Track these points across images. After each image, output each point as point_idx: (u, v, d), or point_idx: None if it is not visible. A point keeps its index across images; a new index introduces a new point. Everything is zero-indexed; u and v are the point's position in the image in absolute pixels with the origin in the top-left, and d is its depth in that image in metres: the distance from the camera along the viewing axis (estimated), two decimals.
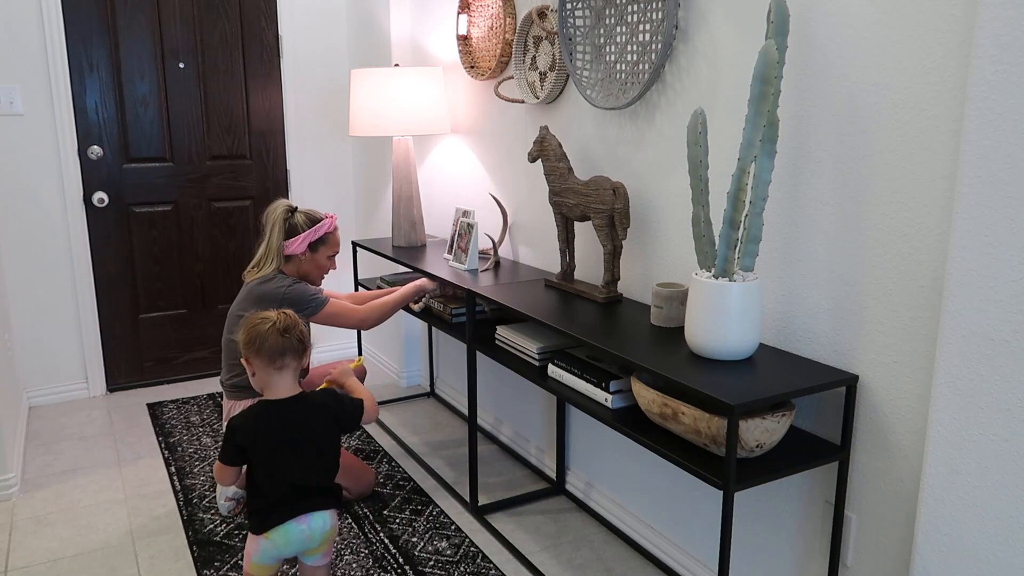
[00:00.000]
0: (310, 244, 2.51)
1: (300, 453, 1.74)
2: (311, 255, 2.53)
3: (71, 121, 3.36)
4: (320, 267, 2.57)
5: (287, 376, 1.75)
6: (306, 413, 1.76)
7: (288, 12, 3.71)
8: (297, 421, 1.74)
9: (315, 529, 1.76)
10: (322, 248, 2.54)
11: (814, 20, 1.62)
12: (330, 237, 2.55)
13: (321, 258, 2.55)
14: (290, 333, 1.73)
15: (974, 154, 1.26)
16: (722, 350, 1.66)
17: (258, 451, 1.72)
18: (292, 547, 1.76)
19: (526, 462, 2.90)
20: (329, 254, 2.57)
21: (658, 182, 2.10)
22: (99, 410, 3.46)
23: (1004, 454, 1.28)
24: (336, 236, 2.58)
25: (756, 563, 1.96)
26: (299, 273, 2.54)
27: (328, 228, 2.54)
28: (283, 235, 2.49)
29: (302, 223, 2.50)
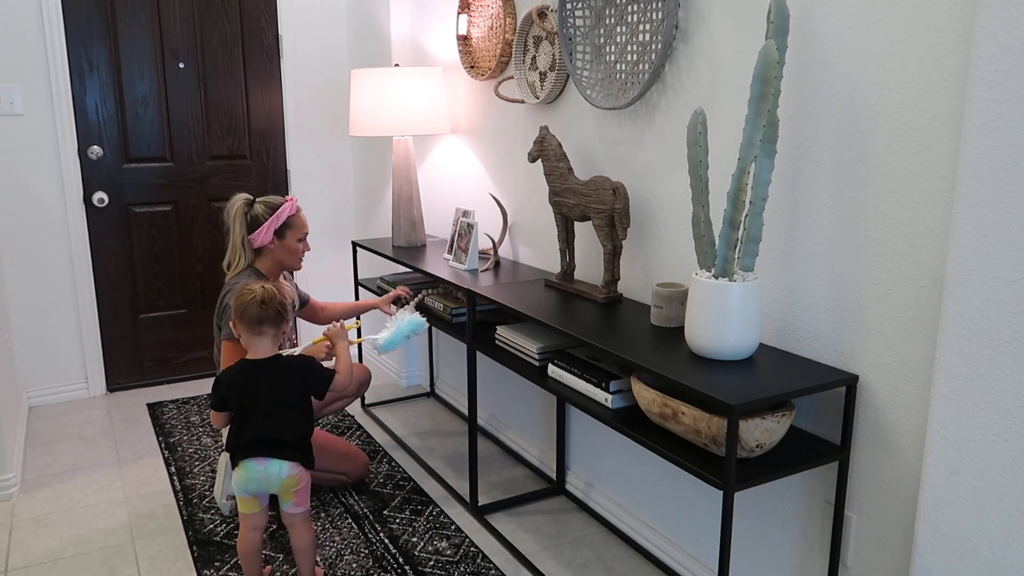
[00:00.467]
0: (275, 231, 2.46)
1: (267, 406, 1.99)
2: (280, 242, 2.48)
3: (71, 121, 3.36)
4: (293, 252, 2.51)
5: (265, 340, 2.02)
6: (277, 373, 2.01)
7: (288, 12, 3.71)
8: (268, 379, 2.00)
9: (271, 473, 2.00)
10: (289, 233, 2.48)
11: (814, 20, 1.62)
12: (294, 220, 2.48)
13: (291, 242, 2.49)
14: (268, 305, 1.98)
15: (974, 154, 1.26)
16: (722, 350, 1.66)
17: (234, 400, 2.01)
18: (253, 484, 2.01)
19: (526, 462, 2.90)
20: (298, 237, 2.50)
21: (658, 182, 2.10)
22: (99, 410, 3.46)
23: (1004, 454, 1.28)
24: (300, 217, 2.51)
25: (756, 563, 1.96)
26: (275, 262, 2.50)
27: (290, 211, 2.47)
28: (246, 229, 2.45)
29: (262, 213, 2.44)
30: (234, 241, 2.47)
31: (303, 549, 2.08)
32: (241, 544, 2.07)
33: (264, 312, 1.98)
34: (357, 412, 3.41)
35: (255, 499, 2.05)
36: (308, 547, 2.08)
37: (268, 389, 2.00)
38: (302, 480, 2.04)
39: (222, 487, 2.51)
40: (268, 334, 2.01)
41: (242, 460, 2.00)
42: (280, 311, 2.00)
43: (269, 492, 2.04)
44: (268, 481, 2.01)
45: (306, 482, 2.05)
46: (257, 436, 1.99)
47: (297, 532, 2.07)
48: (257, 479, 2.00)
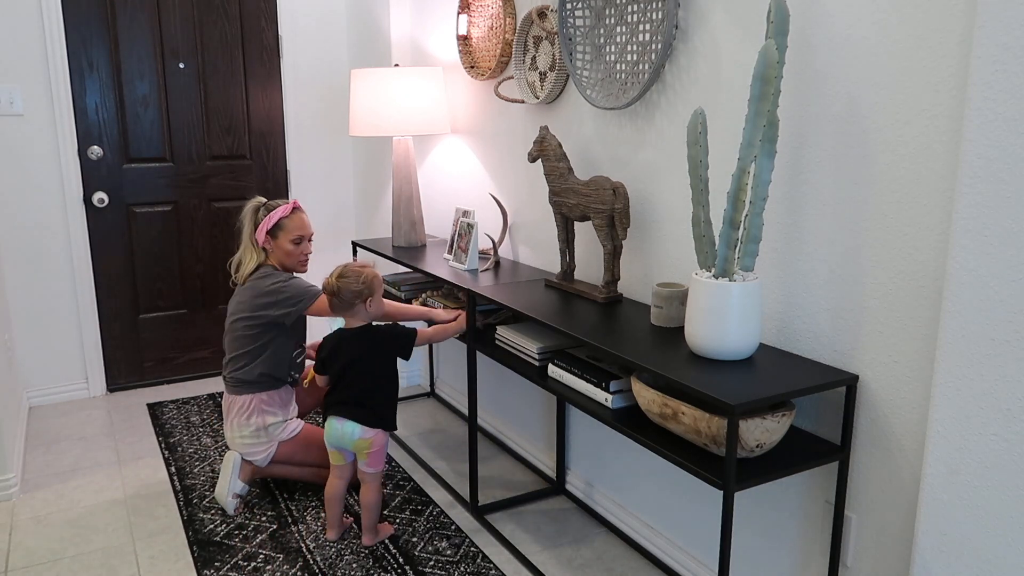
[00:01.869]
0: (268, 231, 2.52)
1: (357, 371, 2.29)
2: (274, 243, 2.54)
3: (71, 121, 3.36)
4: (289, 254, 2.55)
5: (358, 312, 2.30)
6: (368, 342, 2.31)
7: (288, 12, 3.71)
8: (359, 347, 2.29)
9: (346, 432, 2.29)
10: (281, 234, 2.53)
11: (814, 20, 1.62)
12: (285, 222, 2.53)
13: (284, 244, 2.53)
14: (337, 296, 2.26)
15: (974, 154, 1.26)
16: (722, 350, 1.66)
17: (330, 363, 2.32)
18: (333, 438, 2.32)
19: (526, 462, 2.90)
20: (290, 239, 2.53)
21: (658, 182, 2.10)
22: (99, 410, 3.46)
23: (1004, 454, 1.28)
24: (294, 220, 2.54)
25: (756, 563, 1.96)
26: (280, 264, 2.56)
27: (282, 214, 2.52)
28: (253, 228, 2.55)
29: (263, 215, 2.54)
30: (244, 240, 2.57)
31: (368, 505, 2.34)
32: (328, 489, 2.37)
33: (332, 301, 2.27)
34: None
35: (340, 452, 2.34)
36: (373, 504, 2.34)
37: (359, 356, 2.28)
38: (375, 444, 2.30)
39: (228, 485, 2.52)
40: (346, 314, 2.30)
41: (329, 417, 2.32)
42: (360, 292, 2.26)
43: (345, 448, 2.32)
44: (343, 439, 2.30)
45: (379, 445, 2.32)
46: (342, 398, 2.30)
47: (366, 488, 2.34)
48: (336, 435, 2.30)
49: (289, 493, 2.67)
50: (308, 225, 2.59)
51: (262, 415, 2.51)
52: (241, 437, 2.51)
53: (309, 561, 2.27)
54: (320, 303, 2.47)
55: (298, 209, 2.58)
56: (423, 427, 3.26)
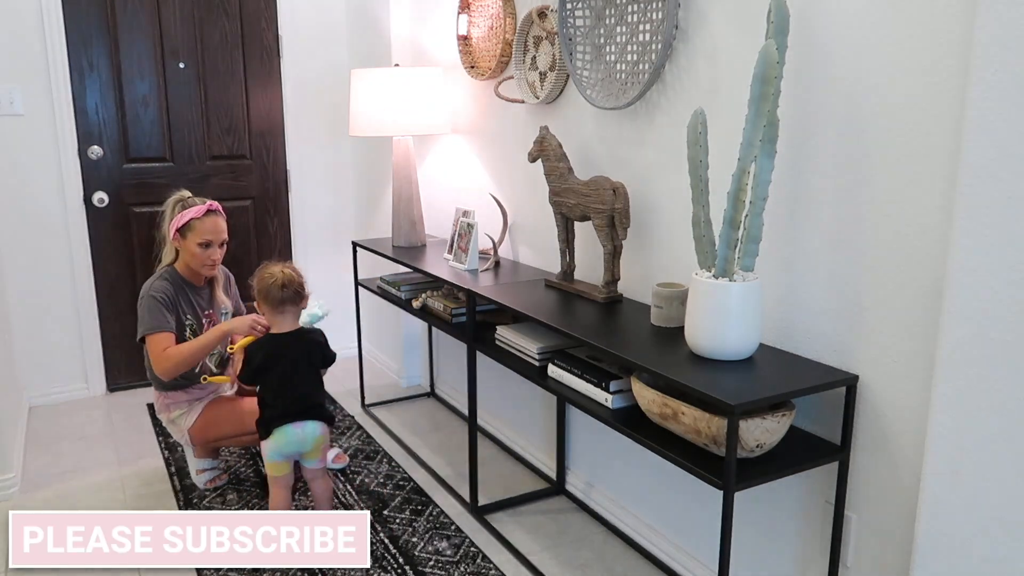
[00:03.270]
0: (177, 230, 2.46)
1: (299, 372, 2.24)
2: (183, 242, 2.47)
3: (71, 121, 3.36)
4: (195, 256, 2.47)
5: (288, 317, 2.26)
6: (302, 343, 2.26)
7: (288, 12, 3.71)
8: (296, 349, 2.25)
9: (308, 433, 2.23)
10: (190, 235, 2.45)
11: (814, 20, 1.62)
12: (196, 224, 2.44)
13: (191, 245, 2.46)
14: (288, 287, 2.22)
15: (974, 154, 1.26)
16: (722, 350, 1.66)
17: (269, 371, 2.22)
18: (291, 446, 2.23)
19: (526, 462, 2.90)
20: (198, 241, 2.45)
21: (658, 182, 2.10)
22: (99, 410, 3.46)
23: (1004, 454, 1.28)
24: (206, 223, 2.45)
25: (756, 563, 1.96)
26: (185, 265, 2.53)
27: (194, 214, 2.44)
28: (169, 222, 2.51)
29: (178, 210, 2.48)
30: (161, 233, 2.56)
31: (326, 499, 2.35)
32: (275, 503, 2.27)
33: (285, 293, 2.22)
34: (357, 412, 3.41)
35: (286, 462, 2.27)
36: (329, 496, 2.36)
37: (298, 358, 2.25)
38: (326, 436, 2.30)
39: (192, 464, 2.72)
40: (290, 311, 2.26)
41: (280, 427, 2.22)
42: (299, 291, 2.25)
43: (303, 452, 2.27)
44: (304, 442, 2.24)
45: (327, 438, 2.32)
46: (296, 404, 2.23)
47: (319, 484, 2.33)
48: (295, 441, 2.23)
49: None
50: (221, 230, 2.50)
51: (167, 410, 2.63)
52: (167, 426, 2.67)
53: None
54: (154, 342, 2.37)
55: (214, 212, 2.49)
56: (423, 427, 3.26)
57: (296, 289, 2.24)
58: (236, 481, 2.76)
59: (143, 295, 2.48)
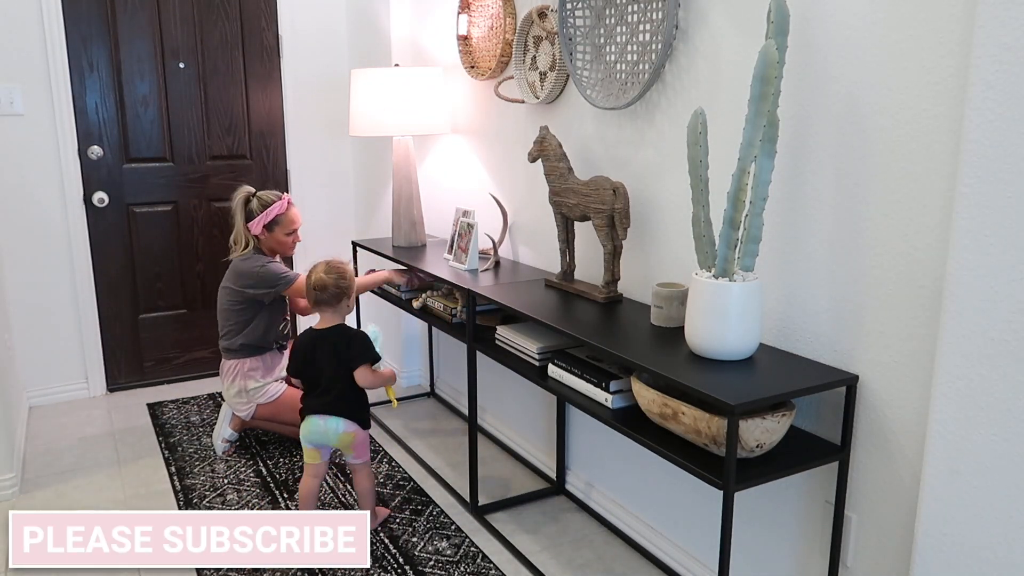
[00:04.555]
0: (265, 226, 2.81)
1: (329, 370, 2.30)
2: (269, 235, 2.83)
3: (71, 121, 3.36)
4: (282, 243, 2.87)
5: (326, 314, 2.35)
6: (338, 341, 2.32)
7: (288, 12, 3.71)
8: (329, 346, 2.31)
9: (330, 428, 2.31)
10: (277, 228, 2.83)
11: (814, 20, 1.62)
12: (282, 218, 2.82)
13: (280, 236, 2.85)
14: (321, 291, 2.31)
15: (974, 154, 1.26)
16: (722, 350, 1.66)
17: (303, 366, 2.35)
18: (314, 436, 2.33)
19: (526, 462, 2.90)
20: (286, 232, 2.85)
21: (658, 182, 2.10)
22: (99, 410, 3.46)
23: (1004, 454, 1.28)
24: (289, 215, 2.84)
25: (756, 563, 1.96)
26: (269, 249, 2.87)
27: (278, 211, 2.81)
28: (244, 219, 2.82)
29: (256, 208, 2.80)
30: (237, 228, 2.85)
31: (363, 493, 2.42)
32: (301, 488, 2.38)
33: (320, 295, 2.31)
34: None
35: (317, 451, 2.36)
36: (368, 491, 2.42)
37: (329, 355, 2.30)
38: (358, 436, 2.35)
39: (219, 431, 2.99)
40: (326, 310, 2.34)
41: (309, 416, 2.33)
42: (336, 293, 2.32)
43: (329, 445, 2.35)
44: (327, 435, 2.32)
45: (362, 438, 2.37)
46: (324, 398, 2.31)
47: (358, 478, 2.42)
48: (319, 432, 2.32)
49: (289, 493, 2.67)
50: (299, 217, 2.90)
51: (244, 379, 2.86)
52: (228, 395, 2.91)
53: None
54: (297, 286, 2.78)
55: (291, 204, 2.87)
56: (423, 427, 3.26)
57: (331, 291, 2.31)
58: (236, 481, 2.76)
59: (258, 267, 2.78)
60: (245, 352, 2.87)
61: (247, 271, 2.80)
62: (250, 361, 2.88)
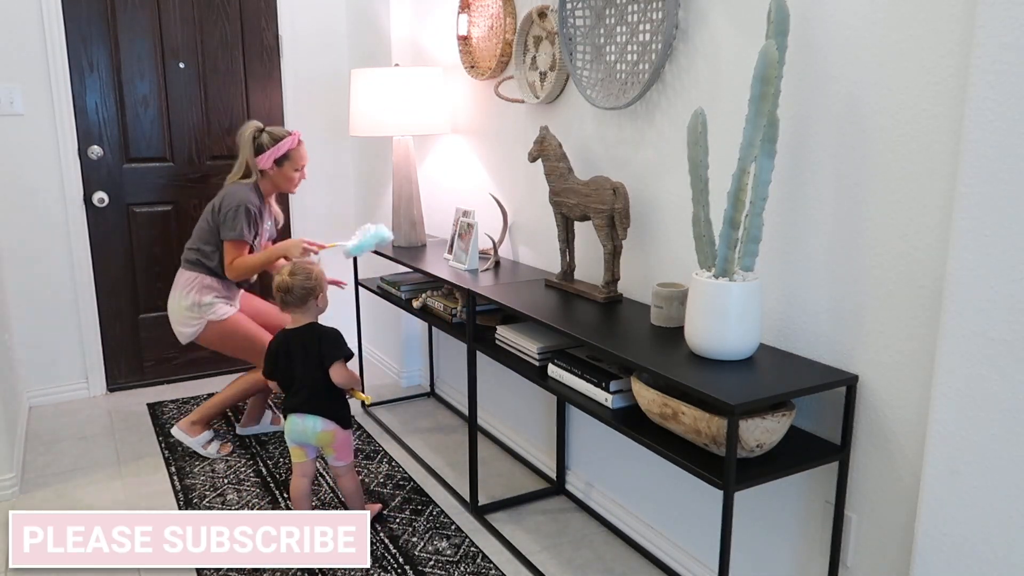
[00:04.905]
0: (275, 160, 2.85)
1: (302, 369, 2.29)
2: (278, 170, 2.88)
3: (71, 121, 3.36)
4: (289, 179, 2.92)
5: (295, 314, 2.34)
6: (305, 340, 2.30)
7: (288, 12, 3.71)
8: (301, 346, 2.30)
9: (308, 427, 2.30)
10: (287, 163, 2.87)
11: (814, 20, 1.62)
12: (292, 153, 2.87)
13: (288, 171, 2.89)
14: (286, 292, 2.30)
15: (974, 154, 1.26)
16: (722, 350, 1.66)
17: (278, 367, 2.34)
18: (294, 435, 2.32)
19: (526, 462, 2.90)
20: (295, 167, 2.89)
21: (658, 182, 2.10)
22: (99, 410, 3.46)
23: (1004, 454, 1.28)
24: (299, 151, 2.89)
25: (756, 563, 1.96)
26: (272, 184, 2.91)
27: (291, 145, 2.86)
28: (252, 152, 2.85)
29: (267, 142, 2.84)
30: (241, 160, 2.88)
31: (349, 495, 2.41)
32: (292, 489, 2.38)
33: (286, 297, 2.31)
34: (357, 412, 3.40)
35: (301, 449, 2.35)
36: (353, 493, 2.41)
37: (302, 354, 2.30)
38: (338, 436, 2.32)
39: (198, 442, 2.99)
40: (295, 311, 2.33)
41: (288, 415, 2.33)
42: (303, 296, 2.30)
43: (308, 443, 2.34)
44: (306, 433, 2.31)
45: (343, 437, 2.34)
46: (300, 397, 2.31)
47: (343, 481, 2.40)
48: (298, 431, 2.31)
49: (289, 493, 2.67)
50: (307, 155, 2.95)
51: (200, 293, 2.87)
52: (178, 308, 2.89)
53: None
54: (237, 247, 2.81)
55: (301, 142, 2.91)
56: (423, 427, 3.26)
57: (297, 293, 2.29)
58: (236, 481, 2.76)
59: (238, 203, 2.79)
60: (204, 269, 2.89)
61: (229, 203, 2.80)
62: (209, 278, 2.89)
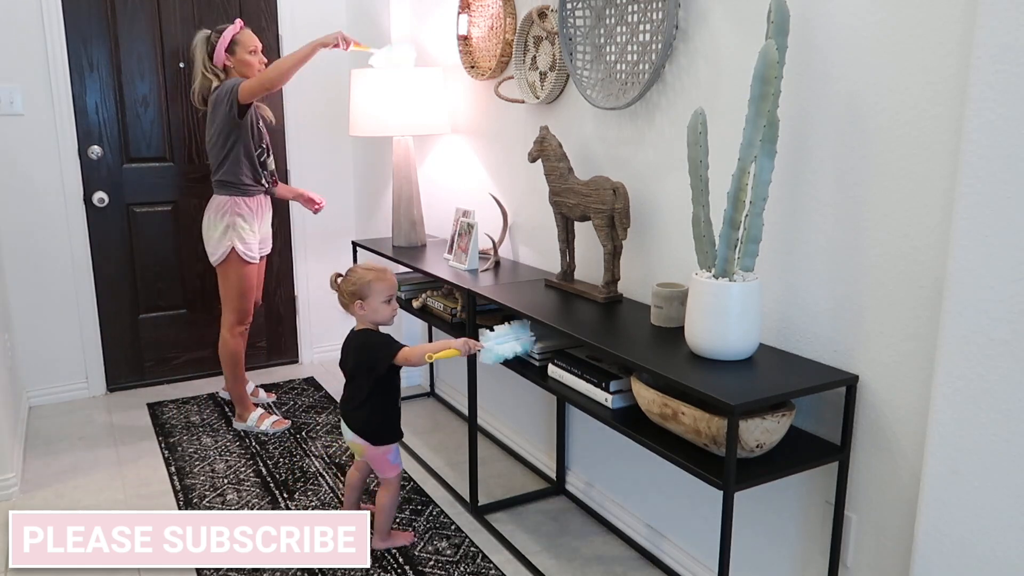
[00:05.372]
0: (226, 50, 2.93)
1: (352, 373, 2.29)
2: (234, 59, 2.96)
3: (71, 121, 3.36)
4: (248, 63, 2.96)
5: (354, 314, 2.29)
6: (358, 347, 2.27)
7: (288, 12, 3.71)
8: (353, 348, 2.29)
9: (347, 438, 2.33)
10: (238, 48, 2.95)
11: (814, 20, 1.62)
12: (238, 37, 2.95)
13: (243, 56, 2.95)
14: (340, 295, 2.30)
15: (974, 154, 1.26)
16: (722, 350, 1.66)
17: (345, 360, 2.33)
18: (347, 438, 2.34)
19: (526, 462, 2.90)
20: (248, 50, 2.96)
21: (658, 182, 2.10)
22: (99, 410, 3.46)
23: (1004, 454, 1.28)
24: (244, 35, 2.96)
25: (756, 563, 1.96)
26: (240, 75, 2.96)
27: (234, 31, 2.94)
28: (207, 55, 2.95)
29: (214, 38, 2.95)
30: (198, 69, 2.97)
31: (379, 507, 2.35)
32: (348, 476, 2.45)
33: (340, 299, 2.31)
34: None
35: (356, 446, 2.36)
36: (383, 507, 2.34)
37: (353, 360, 2.28)
38: (368, 452, 2.30)
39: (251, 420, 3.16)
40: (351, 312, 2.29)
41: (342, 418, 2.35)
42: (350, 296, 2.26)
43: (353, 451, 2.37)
44: (347, 439, 2.34)
45: (373, 454, 2.30)
46: (345, 401, 2.33)
47: (380, 491, 2.36)
48: (347, 437, 2.34)
49: (289, 493, 2.67)
50: (255, 39, 3.01)
51: (234, 216, 2.96)
52: (214, 234, 2.97)
53: None
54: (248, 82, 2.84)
55: (244, 26, 2.98)
56: (423, 427, 3.26)
57: (342, 299, 2.29)
58: (236, 481, 2.76)
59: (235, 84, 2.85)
60: (232, 190, 2.96)
61: (216, 97, 2.88)
62: (241, 199, 2.97)
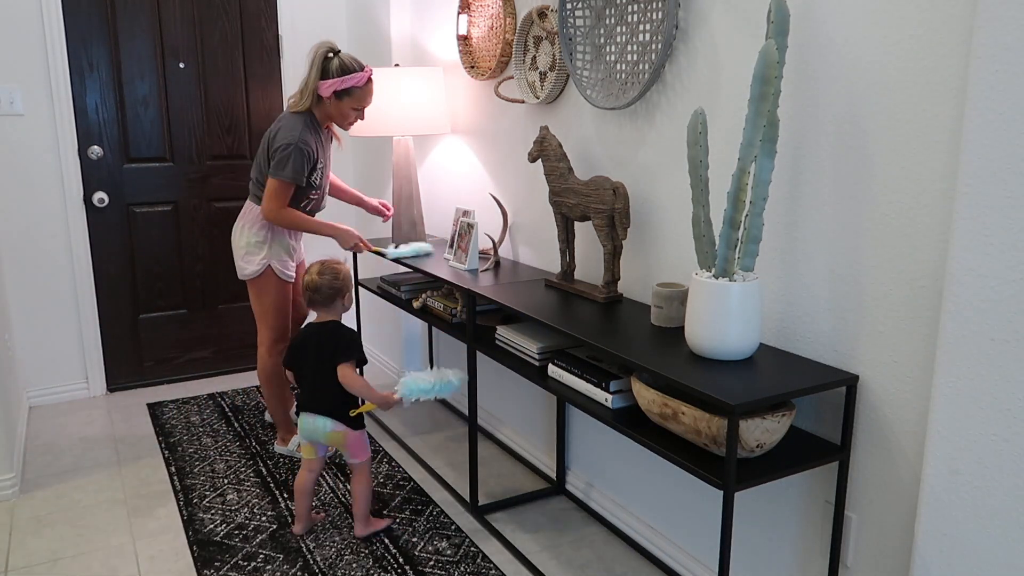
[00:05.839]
0: (335, 92, 2.62)
1: (315, 365, 2.31)
2: (336, 102, 2.65)
3: (71, 121, 3.36)
4: (344, 115, 2.70)
5: (322, 313, 2.37)
6: (321, 338, 2.32)
7: (288, 12, 3.71)
8: (316, 343, 2.33)
9: (318, 427, 2.32)
10: (347, 99, 2.64)
11: (814, 20, 1.62)
12: (356, 91, 2.63)
13: (345, 108, 2.66)
14: (317, 291, 2.33)
15: (974, 154, 1.26)
16: (722, 350, 1.66)
17: (294, 360, 2.40)
18: (305, 432, 2.35)
19: (526, 462, 2.90)
20: (354, 106, 2.66)
21: (658, 182, 2.10)
22: (99, 410, 3.46)
23: (1004, 454, 1.28)
24: (365, 90, 2.65)
25: (756, 563, 1.96)
26: (327, 114, 2.70)
27: (356, 82, 2.61)
28: (319, 75, 2.61)
29: (334, 69, 2.60)
30: (306, 80, 2.64)
31: (357, 495, 2.38)
32: (297, 482, 2.41)
33: (312, 296, 2.34)
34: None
35: (312, 446, 2.39)
36: (362, 493, 2.37)
37: (316, 351, 2.31)
38: (348, 437, 2.33)
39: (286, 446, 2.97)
40: (320, 309, 2.36)
41: (301, 413, 2.35)
42: (330, 295, 2.34)
43: (318, 441, 2.36)
44: (316, 432, 2.33)
45: (355, 436, 2.34)
46: (313, 395, 2.33)
47: (355, 478, 2.39)
48: (309, 429, 2.34)
49: (289, 493, 2.67)
50: (372, 96, 2.72)
51: (273, 229, 2.76)
52: (246, 242, 2.76)
53: (309, 561, 2.27)
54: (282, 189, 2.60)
55: (371, 80, 2.68)
56: (423, 427, 3.26)
57: (325, 292, 2.33)
58: (236, 481, 2.76)
59: (292, 140, 2.58)
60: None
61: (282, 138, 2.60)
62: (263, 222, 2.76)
